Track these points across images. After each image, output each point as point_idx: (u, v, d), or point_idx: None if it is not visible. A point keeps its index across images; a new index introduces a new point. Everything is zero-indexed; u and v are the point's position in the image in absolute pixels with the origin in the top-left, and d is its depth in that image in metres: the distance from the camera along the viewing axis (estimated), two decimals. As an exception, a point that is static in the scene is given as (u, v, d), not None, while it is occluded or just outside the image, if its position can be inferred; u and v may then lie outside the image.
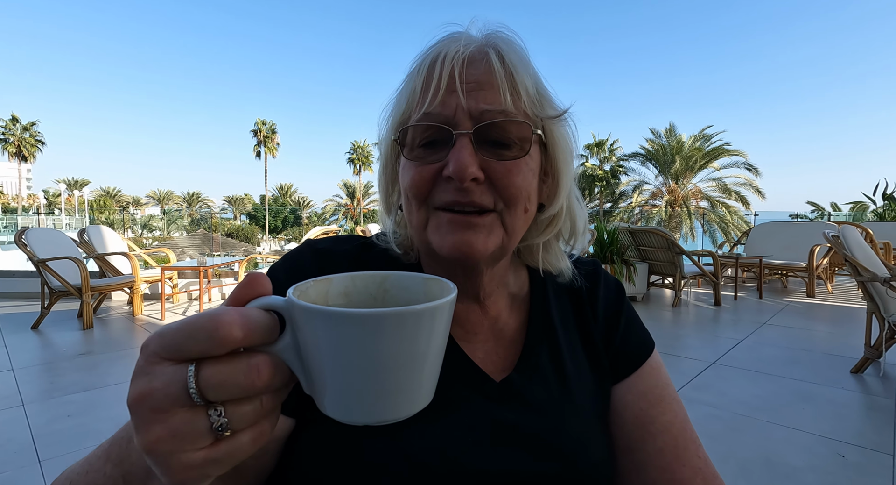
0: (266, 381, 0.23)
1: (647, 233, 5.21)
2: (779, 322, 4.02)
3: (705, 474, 0.47)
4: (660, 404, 0.50)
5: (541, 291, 0.53)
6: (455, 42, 0.42)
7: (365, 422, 0.25)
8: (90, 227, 4.89)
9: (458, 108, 0.40)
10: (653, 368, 0.52)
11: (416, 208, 0.43)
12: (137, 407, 0.23)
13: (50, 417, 2.13)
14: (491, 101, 0.40)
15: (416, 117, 0.42)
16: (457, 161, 0.39)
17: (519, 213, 0.42)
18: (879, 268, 2.70)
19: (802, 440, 1.89)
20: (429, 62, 0.42)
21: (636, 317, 0.56)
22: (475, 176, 0.39)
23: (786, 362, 2.90)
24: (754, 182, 21.81)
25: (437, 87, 0.40)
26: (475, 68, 0.41)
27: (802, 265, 5.35)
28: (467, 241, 0.41)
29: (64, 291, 3.87)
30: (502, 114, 0.40)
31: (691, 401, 2.28)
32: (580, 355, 0.51)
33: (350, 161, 45.26)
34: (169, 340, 0.23)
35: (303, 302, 0.24)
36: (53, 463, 1.72)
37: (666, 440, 0.48)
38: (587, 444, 0.46)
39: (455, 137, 0.40)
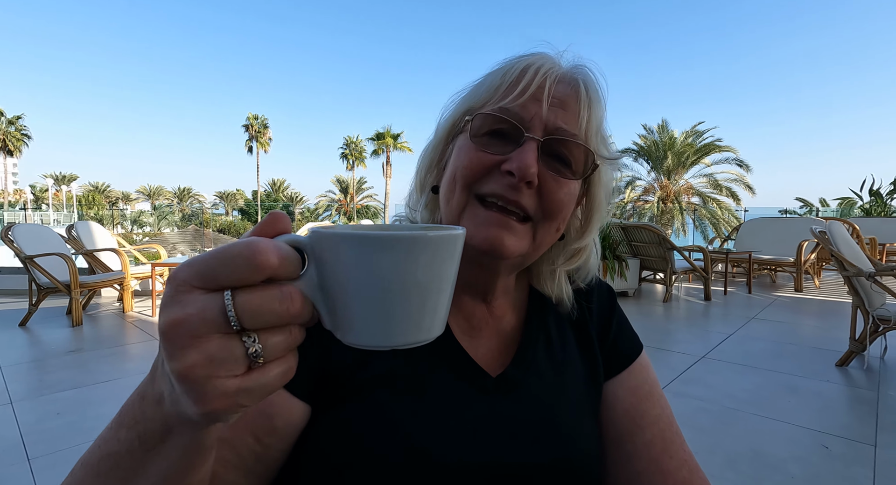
0: (298, 309, 0.24)
1: (638, 229, 5.25)
2: (767, 316, 4.08)
3: (690, 465, 0.49)
4: (649, 399, 0.53)
5: (539, 293, 0.55)
6: (549, 60, 0.45)
7: (390, 345, 0.26)
8: (79, 223, 4.83)
9: (537, 115, 0.43)
10: (642, 367, 0.56)
11: (460, 190, 0.44)
12: (172, 333, 0.22)
13: (39, 415, 2.11)
14: (567, 122, 0.43)
15: (491, 108, 0.44)
16: (522, 160, 0.41)
17: (551, 229, 0.45)
18: (864, 263, 2.75)
19: (788, 432, 1.93)
20: (521, 67, 0.44)
21: (626, 319, 0.59)
22: (532, 178, 0.41)
23: (773, 356, 2.95)
24: (745, 178, 22.03)
25: (524, 90, 0.43)
26: (563, 88, 0.44)
27: (791, 260, 5.43)
28: (501, 238, 0.42)
29: (52, 288, 3.82)
30: (573, 136, 0.43)
31: (681, 395, 2.31)
32: (574, 353, 0.53)
33: (343, 156, 44.97)
34: (203, 268, 0.23)
35: (331, 230, 0.25)
36: (42, 461, 1.71)
37: (654, 433, 0.50)
38: (579, 436, 0.47)
39: (525, 138, 0.42)
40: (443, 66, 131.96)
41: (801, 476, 1.61)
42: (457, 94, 0.49)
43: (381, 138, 39.97)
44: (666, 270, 5.02)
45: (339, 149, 44.59)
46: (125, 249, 5.08)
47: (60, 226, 13.65)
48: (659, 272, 5.30)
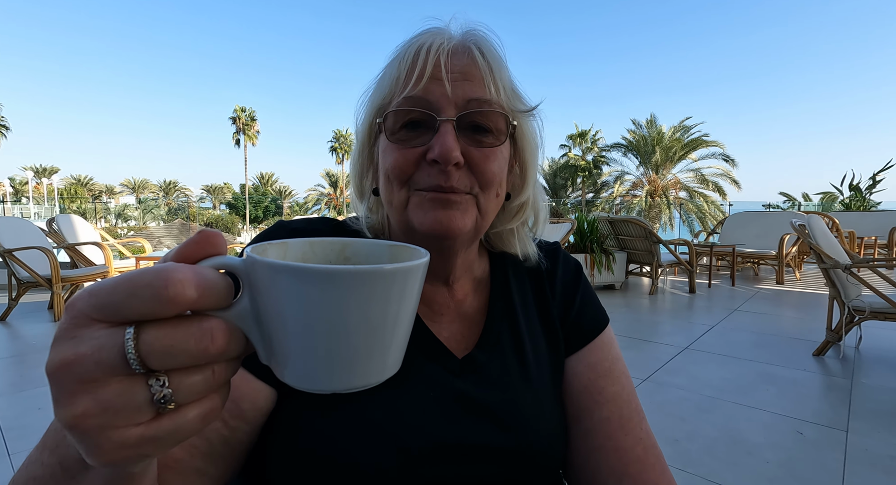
0: (220, 348, 0.20)
1: (625, 222, 5.31)
2: (749, 308, 4.17)
3: (646, 443, 0.50)
4: (608, 375, 0.52)
5: (501, 273, 0.55)
6: (439, 35, 0.44)
7: (332, 389, 0.24)
8: (60, 216, 4.73)
9: (443, 95, 0.42)
10: (604, 343, 0.55)
11: (398, 189, 0.45)
12: (60, 376, 0.19)
13: (20, 410, 2.09)
14: (475, 92, 0.43)
15: (397, 101, 0.44)
16: (442, 146, 0.41)
17: (491, 196, 0.45)
18: (841, 255, 2.82)
19: (764, 419, 1.99)
20: (413, 51, 0.44)
21: (593, 295, 0.59)
22: (458, 161, 0.42)
23: (753, 346, 3.02)
24: (731, 173, 22.37)
25: (422, 73, 0.42)
26: (459, 60, 0.43)
27: (773, 253, 5.55)
28: (447, 217, 0.43)
29: (33, 282, 3.74)
30: (486, 103, 0.43)
31: (664, 385, 2.36)
32: (538, 331, 0.53)
33: (332, 150, 44.55)
34: (104, 299, 0.19)
35: (266, 259, 0.21)
36: (23, 456, 1.68)
37: (612, 410, 0.50)
38: (541, 416, 0.48)
39: (439, 122, 0.42)
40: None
41: (776, 461, 1.66)
42: (364, 95, 0.49)
43: (370, 132, 39.52)
44: (652, 263, 5.09)
45: (328, 142, 44.19)
46: (108, 243, 5.00)
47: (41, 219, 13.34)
48: (645, 266, 5.37)
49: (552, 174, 32.74)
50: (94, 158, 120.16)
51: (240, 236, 27.21)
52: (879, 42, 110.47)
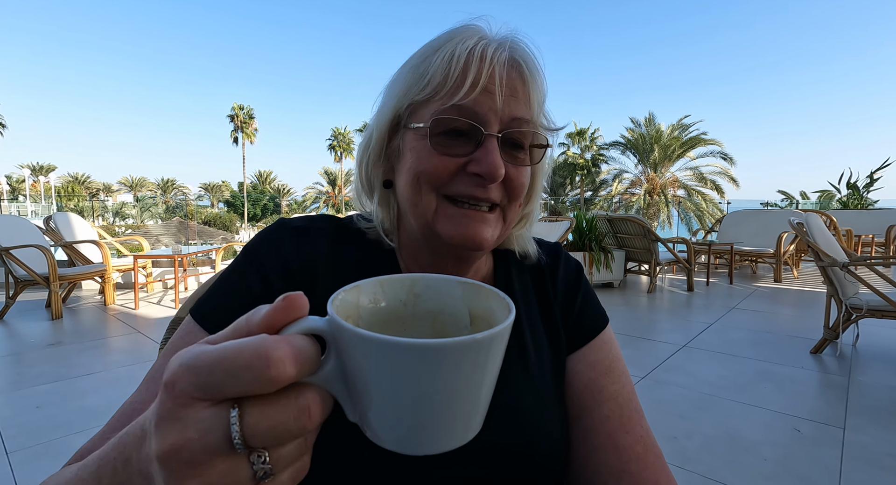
0: (317, 421, 0.21)
1: (624, 221, 5.32)
2: (747, 306, 4.19)
3: (646, 442, 0.49)
4: (609, 374, 0.52)
5: (505, 271, 0.56)
6: (488, 41, 0.43)
7: (422, 453, 0.24)
8: (57, 214, 4.71)
9: (491, 109, 0.42)
10: (604, 342, 0.55)
11: (426, 193, 0.44)
12: (170, 462, 0.20)
13: (17, 408, 2.08)
14: (519, 110, 0.43)
15: (442, 106, 0.42)
16: (491, 163, 0.41)
17: (515, 207, 0.47)
18: (839, 253, 2.83)
19: (762, 417, 2.00)
20: (464, 52, 0.42)
21: (593, 295, 0.59)
22: (502, 176, 0.42)
23: (751, 344, 3.03)
24: (729, 171, 22.39)
25: (475, 83, 0.41)
26: (510, 74, 0.43)
27: (770, 252, 5.56)
28: (479, 232, 0.43)
29: (30, 281, 3.73)
30: (526, 123, 0.44)
31: (662, 382, 2.37)
32: (539, 329, 0.53)
33: (331, 148, 44.46)
34: (205, 380, 0.19)
35: (352, 327, 0.21)
36: (21, 455, 1.68)
37: (612, 408, 0.50)
38: (542, 415, 0.48)
39: (485, 137, 0.42)
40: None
41: (773, 458, 1.67)
42: (392, 83, 0.47)
43: (369, 130, 39.48)
44: (650, 261, 5.10)
45: (326, 140, 44.08)
46: (106, 241, 4.98)
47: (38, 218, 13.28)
48: (644, 264, 5.38)
49: (551, 172, 32.62)
50: (92, 156, 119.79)
51: (238, 235, 27.15)
52: (877, 39, 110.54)
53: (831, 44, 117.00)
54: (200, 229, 15.36)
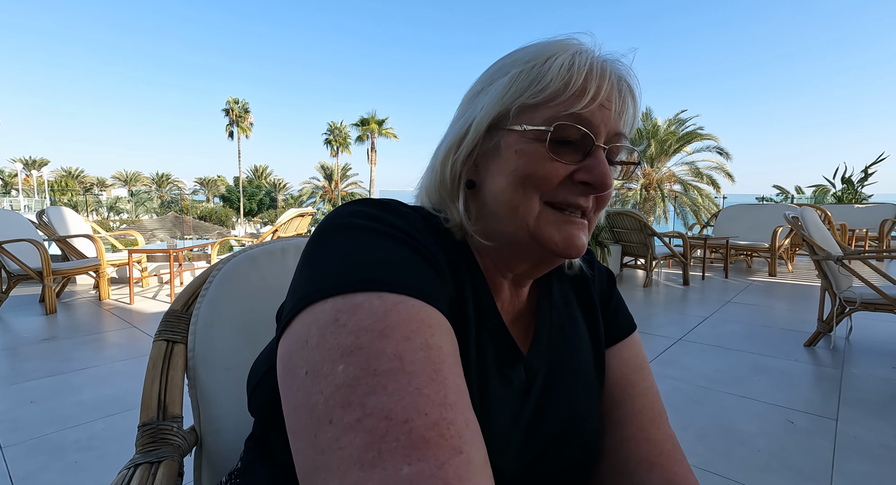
0: None
1: (620, 215, 5.33)
2: (742, 300, 4.21)
3: (675, 441, 0.52)
4: (639, 371, 0.56)
5: (545, 277, 0.55)
6: (605, 58, 0.45)
7: None
8: (50, 208, 4.66)
9: (603, 123, 0.43)
10: (635, 342, 0.59)
11: (530, 198, 0.43)
12: None
13: (12, 403, 2.07)
14: (622, 126, 0.45)
15: (563, 113, 0.43)
16: (602, 173, 0.43)
17: (599, 215, 0.49)
18: (833, 247, 2.85)
19: (756, 409, 2.01)
20: (584, 68, 0.43)
21: (622, 300, 0.63)
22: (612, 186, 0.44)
23: (746, 337, 3.05)
24: (725, 166, 22.43)
25: (596, 96, 0.42)
26: (620, 94, 0.45)
27: (766, 246, 5.59)
28: (580, 239, 0.45)
29: (23, 275, 3.70)
30: (625, 139, 0.47)
31: (658, 376, 2.38)
32: (583, 329, 0.56)
33: (327, 142, 44.18)
34: None
35: None
36: (17, 449, 1.68)
37: (644, 403, 0.53)
38: (590, 411, 0.51)
39: (595, 147, 0.44)
40: (430, 42, 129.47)
41: (767, 449, 1.68)
42: (494, 84, 0.45)
43: (365, 124, 39.34)
44: (647, 255, 5.12)
45: (322, 135, 43.79)
46: (100, 236, 4.94)
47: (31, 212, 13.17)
48: (640, 258, 5.40)
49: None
50: (86, 150, 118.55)
51: (234, 230, 27.01)
52: (872, 37, 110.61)
53: (828, 40, 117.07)
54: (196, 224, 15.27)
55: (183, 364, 0.71)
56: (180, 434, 0.65)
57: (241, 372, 0.74)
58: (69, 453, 1.65)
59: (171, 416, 0.66)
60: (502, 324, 0.47)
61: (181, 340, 0.72)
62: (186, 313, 0.75)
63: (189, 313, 0.74)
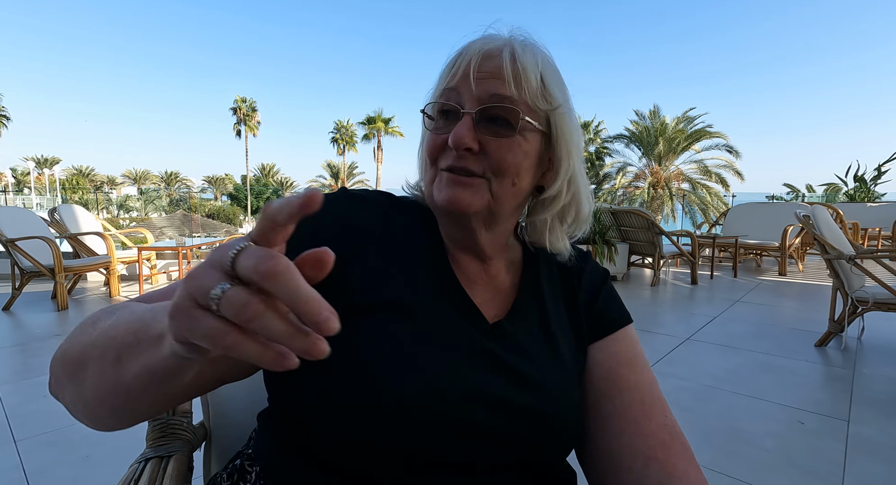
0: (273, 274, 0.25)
1: (628, 214, 5.29)
2: (751, 299, 4.17)
3: (672, 431, 0.50)
4: (629, 365, 0.55)
5: (533, 261, 0.60)
6: (481, 41, 0.51)
7: None
8: (62, 206, 4.73)
9: (468, 92, 0.48)
10: (626, 337, 0.58)
11: (429, 168, 0.52)
12: None
13: (24, 397, 2.10)
14: (497, 89, 0.48)
15: (437, 92, 0.52)
16: (455, 134, 0.48)
17: (506, 184, 0.50)
18: (846, 246, 2.81)
19: (764, 409, 1.99)
20: (456, 53, 0.51)
21: (617, 297, 0.62)
22: (469, 146, 0.48)
23: (754, 337, 3.02)
24: (734, 164, 22.20)
25: (455, 73, 0.50)
26: (489, 62, 0.49)
27: (775, 245, 5.52)
28: (458, 195, 0.49)
29: (36, 272, 3.76)
30: (506, 99, 0.48)
31: (664, 375, 2.36)
32: (563, 317, 0.57)
33: (334, 141, 44.30)
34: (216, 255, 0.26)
35: None
36: (30, 443, 1.70)
37: (634, 396, 0.52)
38: (559, 387, 0.51)
39: (462, 114, 0.49)
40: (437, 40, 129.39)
41: (775, 449, 1.67)
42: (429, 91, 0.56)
43: (372, 123, 39.40)
44: (654, 254, 5.08)
45: (329, 133, 43.93)
46: (111, 234, 5.00)
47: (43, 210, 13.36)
48: (647, 257, 5.36)
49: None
50: (96, 149, 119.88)
51: (241, 228, 27.20)
52: (885, 33, 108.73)
53: (839, 37, 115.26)
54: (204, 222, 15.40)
55: (192, 360, 0.72)
56: (190, 429, 0.66)
57: (249, 368, 0.75)
58: (81, 447, 1.67)
59: (180, 411, 0.66)
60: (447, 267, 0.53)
61: (190, 337, 0.73)
62: (195, 310, 0.75)
63: (198, 310, 0.75)
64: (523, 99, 0.48)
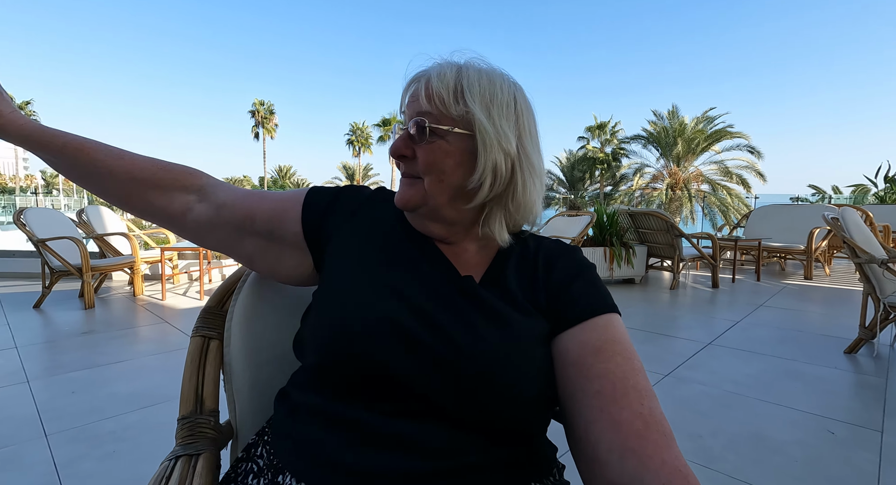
0: None
1: (646, 215, 5.20)
2: (775, 304, 4.05)
3: (647, 420, 0.47)
4: (599, 353, 0.53)
5: (510, 250, 0.65)
6: (418, 70, 0.61)
7: None
8: (89, 207, 4.88)
9: (406, 114, 0.61)
10: (599, 326, 0.56)
11: None
12: None
13: (54, 393, 2.17)
14: (421, 108, 0.58)
15: None
16: (392, 146, 0.61)
17: (433, 180, 0.59)
18: (877, 250, 2.71)
19: (791, 417, 1.93)
20: (407, 82, 0.62)
21: (597, 286, 0.61)
22: (402, 153, 0.60)
23: (779, 342, 2.94)
24: (756, 165, 21.65)
25: (402, 100, 0.62)
26: (417, 88, 0.60)
27: (801, 248, 5.37)
28: (402, 193, 0.61)
29: (64, 271, 3.88)
30: (425, 114, 0.58)
31: (684, 380, 2.31)
32: (526, 300, 0.60)
33: (349, 143, 44.73)
34: None
35: None
36: (60, 437, 1.76)
37: (603, 384, 0.50)
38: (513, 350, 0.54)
39: (402, 130, 0.61)
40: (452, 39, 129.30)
41: (804, 459, 1.61)
42: None
43: (387, 124, 39.66)
44: (673, 257, 4.99)
45: (345, 135, 44.38)
46: (135, 234, 5.14)
47: (71, 211, 13.77)
48: (666, 259, 5.26)
49: (570, 167, 32.24)
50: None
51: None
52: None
53: (869, 31, 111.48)
54: (223, 223, 15.66)
55: (218, 360, 0.73)
56: (217, 428, 0.67)
57: (274, 367, 0.75)
58: (106, 443, 1.72)
59: (208, 410, 0.68)
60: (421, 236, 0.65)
61: (217, 337, 0.74)
62: (221, 310, 0.77)
63: (224, 310, 0.76)
64: (438, 111, 0.57)
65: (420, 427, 0.51)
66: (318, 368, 0.57)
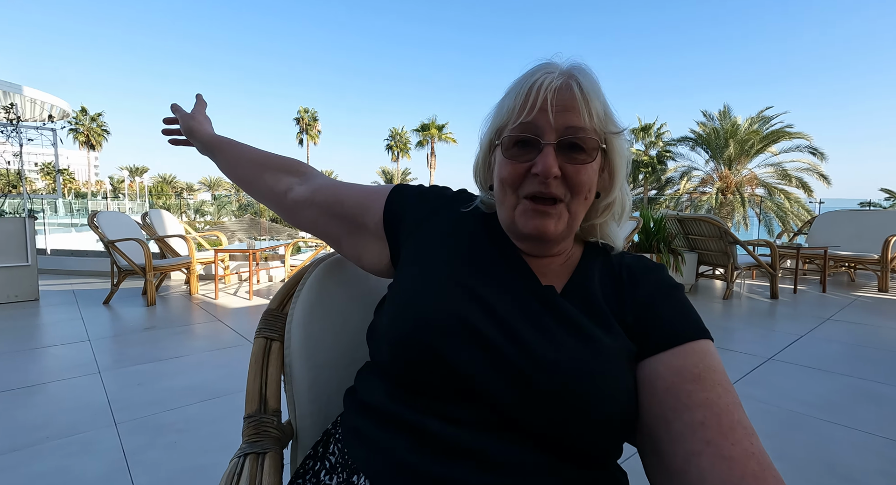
0: None
1: (697, 221, 4.95)
2: (844, 318, 3.74)
3: (761, 461, 0.44)
4: (697, 381, 0.49)
5: (591, 260, 0.64)
6: (548, 74, 0.56)
7: None
8: (152, 211, 5.25)
9: (547, 124, 0.55)
10: (695, 351, 0.52)
11: (510, 194, 0.59)
12: None
13: (122, 383, 2.34)
14: (572, 120, 0.55)
15: (512, 126, 0.57)
16: (544, 164, 0.54)
17: (580, 201, 0.57)
18: (968, 261, 2.44)
19: (868, 443, 1.77)
20: (528, 87, 0.56)
21: (688, 307, 0.57)
22: (556, 174, 0.54)
23: (850, 360, 2.70)
24: (819, 167, 20.09)
25: (533, 106, 0.55)
26: (563, 94, 0.55)
27: (875, 257, 4.93)
28: (544, 225, 0.57)
29: (130, 270, 4.18)
30: (581, 130, 0.55)
31: (742, 398, 2.17)
32: (611, 316, 0.57)
33: (388, 148, 45.59)
34: None
35: None
36: (127, 426, 1.89)
37: (707, 415, 0.47)
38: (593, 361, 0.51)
39: (543, 145, 0.55)
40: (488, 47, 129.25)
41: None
42: (487, 117, 0.64)
43: (426, 129, 40.14)
44: (727, 265, 4.71)
45: (384, 140, 45.29)
46: (191, 236, 5.47)
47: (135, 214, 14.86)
48: (719, 268, 4.98)
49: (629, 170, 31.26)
50: (177, 157, 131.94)
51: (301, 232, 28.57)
52: None
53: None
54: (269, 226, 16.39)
55: (280, 361, 0.75)
56: (280, 427, 0.69)
57: (332, 369, 0.77)
58: (168, 434, 1.83)
59: (271, 410, 0.70)
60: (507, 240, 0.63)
61: (278, 338, 0.77)
62: (282, 312, 0.79)
63: (284, 313, 0.79)
64: (592, 126, 0.55)
65: (497, 440, 0.50)
66: (391, 362, 0.56)
